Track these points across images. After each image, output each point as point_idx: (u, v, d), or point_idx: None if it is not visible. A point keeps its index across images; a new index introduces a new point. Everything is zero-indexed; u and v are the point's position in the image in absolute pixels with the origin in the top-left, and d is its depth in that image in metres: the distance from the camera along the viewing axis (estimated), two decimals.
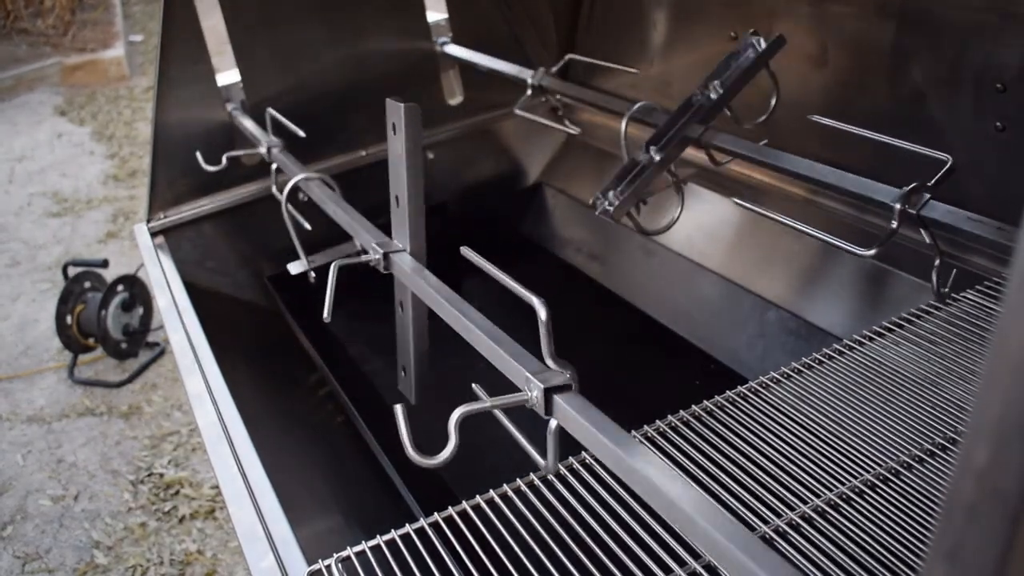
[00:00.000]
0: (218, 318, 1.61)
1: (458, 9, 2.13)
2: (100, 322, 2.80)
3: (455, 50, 2.10)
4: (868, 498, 0.86)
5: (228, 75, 1.89)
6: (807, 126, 1.28)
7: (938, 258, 1.13)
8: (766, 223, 1.38)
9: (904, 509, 0.84)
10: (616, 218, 1.36)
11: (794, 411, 0.99)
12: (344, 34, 1.97)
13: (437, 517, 0.91)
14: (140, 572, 2.11)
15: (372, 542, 0.89)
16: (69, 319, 2.83)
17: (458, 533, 0.89)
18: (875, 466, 0.90)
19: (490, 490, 0.93)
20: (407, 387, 1.25)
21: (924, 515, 0.84)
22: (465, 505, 0.92)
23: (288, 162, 1.58)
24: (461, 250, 0.89)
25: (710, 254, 1.79)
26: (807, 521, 0.84)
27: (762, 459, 0.91)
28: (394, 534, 0.89)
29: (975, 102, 1.27)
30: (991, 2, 1.21)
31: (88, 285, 2.91)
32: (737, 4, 1.66)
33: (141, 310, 2.94)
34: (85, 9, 7.27)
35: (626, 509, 0.85)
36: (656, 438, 0.97)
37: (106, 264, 2.96)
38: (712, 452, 0.93)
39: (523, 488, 0.92)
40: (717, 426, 0.97)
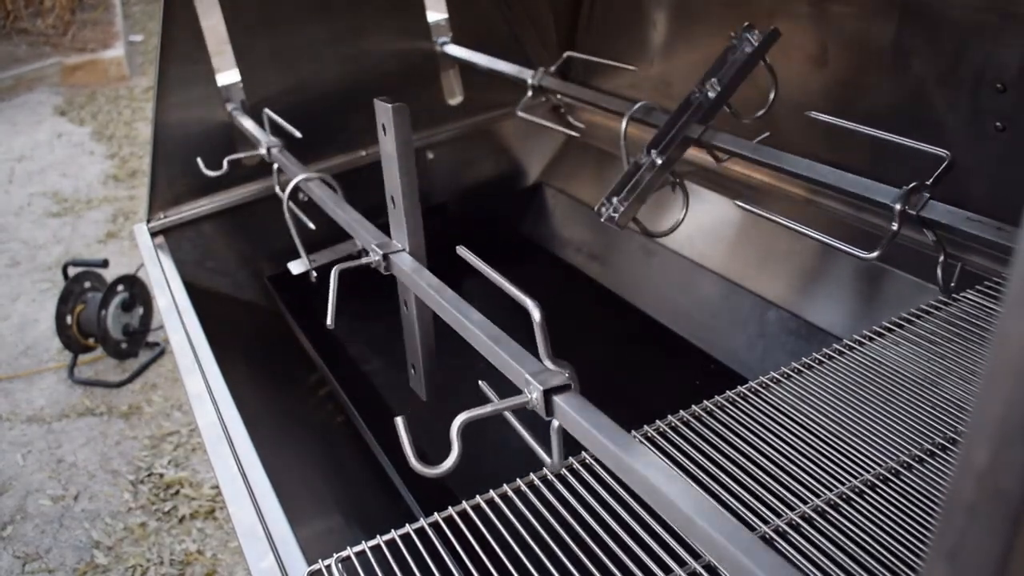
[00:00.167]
0: (218, 318, 1.61)
1: (458, 9, 2.13)
2: (100, 322, 2.79)
3: (455, 50, 2.10)
4: (868, 498, 0.86)
5: (228, 75, 1.89)
6: (807, 126, 1.28)
7: (943, 255, 1.13)
8: (766, 223, 1.37)
9: (904, 509, 0.84)
10: (622, 224, 1.37)
11: (794, 411, 0.99)
12: (344, 34, 1.97)
13: (437, 517, 0.91)
14: (140, 572, 2.11)
15: (372, 542, 0.89)
16: (69, 319, 2.83)
17: (458, 533, 0.89)
18: (875, 466, 0.90)
19: (490, 490, 0.93)
20: (418, 384, 1.25)
21: (924, 515, 0.84)
22: (465, 505, 0.92)
23: (288, 162, 1.58)
24: (457, 249, 0.89)
25: (710, 254, 1.79)
26: (807, 521, 0.84)
27: (762, 459, 0.91)
28: (394, 534, 0.89)
29: (975, 102, 1.27)
30: (991, 2, 1.21)
31: (88, 285, 2.91)
32: (737, 4, 1.66)
33: (141, 310, 2.94)
34: (85, 9, 7.28)
35: (626, 509, 0.85)
36: (656, 438, 0.97)
37: (106, 264, 2.96)
38: (712, 452, 0.93)
39: (523, 488, 0.92)
40: (717, 426, 0.97)
